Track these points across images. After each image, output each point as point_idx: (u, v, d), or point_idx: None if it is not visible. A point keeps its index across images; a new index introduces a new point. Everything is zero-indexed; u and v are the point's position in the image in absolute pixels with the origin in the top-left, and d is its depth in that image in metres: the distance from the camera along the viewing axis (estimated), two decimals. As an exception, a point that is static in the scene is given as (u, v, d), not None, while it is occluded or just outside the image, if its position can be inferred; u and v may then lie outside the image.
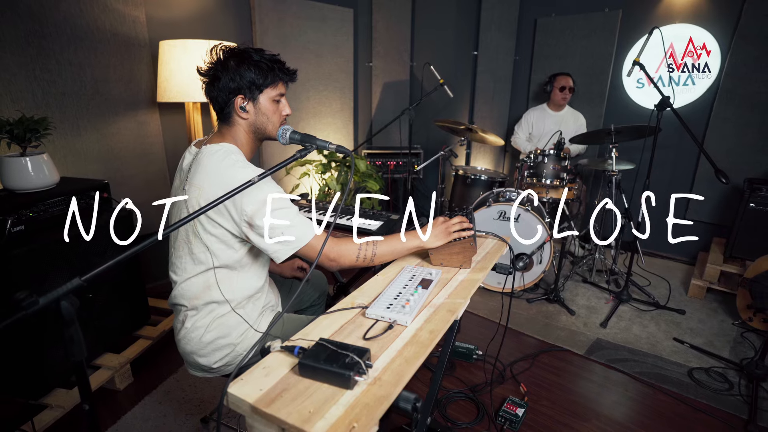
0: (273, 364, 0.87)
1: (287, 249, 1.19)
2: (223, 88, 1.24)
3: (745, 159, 3.15)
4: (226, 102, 1.25)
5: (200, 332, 1.26)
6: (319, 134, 3.77)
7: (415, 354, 0.89)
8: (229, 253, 1.23)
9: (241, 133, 1.30)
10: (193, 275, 1.24)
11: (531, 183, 2.97)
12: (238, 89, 1.24)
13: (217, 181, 1.17)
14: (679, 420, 1.87)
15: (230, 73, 1.23)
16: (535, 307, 2.78)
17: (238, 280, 1.28)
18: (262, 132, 1.31)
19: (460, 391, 1.98)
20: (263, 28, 3.20)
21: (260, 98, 1.29)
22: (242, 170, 1.17)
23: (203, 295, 1.25)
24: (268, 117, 1.30)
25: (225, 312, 1.28)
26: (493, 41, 3.98)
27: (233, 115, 1.27)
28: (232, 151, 1.22)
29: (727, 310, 2.77)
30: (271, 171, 1.07)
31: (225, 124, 1.30)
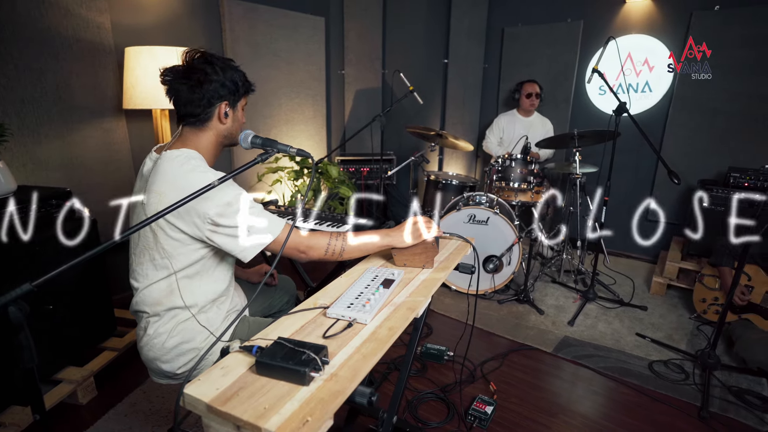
0: (231, 364, 0.88)
1: (254, 247, 1.19)
2: (209, 93, 1.22)
3: (699, 161, 3.32)
4: (208, 107, 1.24)
5: (163, 338, 1.25)
6: (292, 141, 3.77)
7: (372, 350, 0.91)
8: (191, 257, 1.22)
9: (210, 139, 1.28)
10: (154, 281, 1.23)
11: (500, 187, 3.05)
12: (225, 95, 1.25)
13: (177, 186, 1.16)
14: (640, 410, 1.94)
15: (220, 78, 1.23)
16: (505, 307, 2.84)
17: (201, 285, 1.27)
18: (232, 139, 1.33)
19: (431, 391, 2.00)
20: (234, 36, 3.20)
21: (238, 106, 1.32)
22: (202, 175, 1.17)
23: (165, 301, 1.24)
24: (239, 125, 1.33)
25: (188, 317, 1.27)
26: (462, 49, 4.08)
27: (211, 120, 1.26)
28: (193, 156, 1.22)
29: (686, 305, 2.90)
30: (232, 174, 1.07)
31: (194, 128, 1.26)
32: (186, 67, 1.23)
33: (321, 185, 3.26)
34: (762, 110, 3.06)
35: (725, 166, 3.00)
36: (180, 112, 1.26)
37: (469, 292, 2.88)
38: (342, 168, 3.90)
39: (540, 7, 3.81)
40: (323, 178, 3.19)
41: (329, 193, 3.32)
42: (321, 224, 1.78)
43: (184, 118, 1.26)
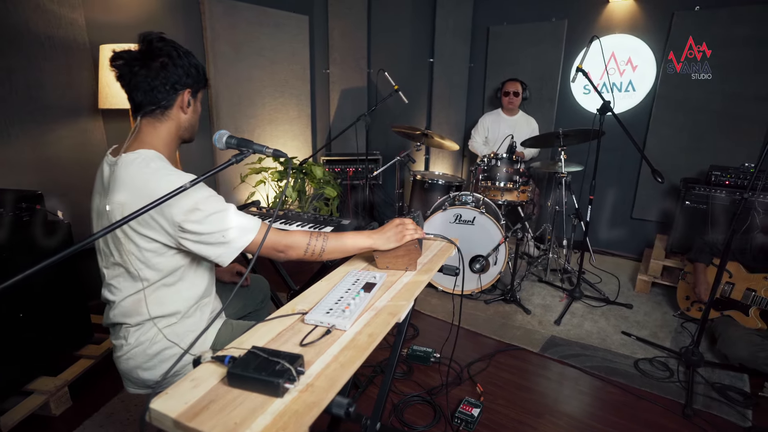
0: (202, 375, 0.83)
1: (231, 251, 1.14)
2: (174, 78, 1.15)
3: (682, 160, 3.35)
4: (170, 94, 1.16)
5: (145, 345, 1.21)
6: (276, 141, 3.72)
7: (351, 358, 0.88)
8: (169, 265, 1.18)
9: (169, 131, 1.20)
10: (132, 293, 1.18)
11: (485, 186, 3.04)
12: (189, 83, 1.18)
13: (140, 194, 1.07)
14: (625, 409, 1.95)
15: (185, 63, 1.17)
16: (492, 307, 2.83)
17: (182, 291, 1.23)
18: (192, 132, 1.27)
19: (417, 394, 1.98)
20: (214, 34, 3.13)
21: (198, 96, 1.26)
22: (167, 177, 1.09)
23: (147, 311, 1.19)
24: (198, 117, 1.27)
25: (172, 323, 1.23)
26: (448, 49, 4.07)
27: (171, 110, 1.18)
28: (153, 158, 1.13)
29: (670, 302, 2.92)
30: (203, 176, 1.03)
31: (153, 119, 1.18)
32: (147, 50, 1.13)
33: (306, 186, 3.21)
34: (740, 109, 3.10)
35: (707, 164, 3.03)
36: (137, 99, 1.15)
37: (454, 292, 2.87)
38: (327, 168, 3.85)
39: (524, 6, 3.82)
40: (308, 179, 3.15)
41: (314, 193, 3.28)
42: (303, 226, 1.74)
43: (142, 108, 1.16)
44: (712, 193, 2.83)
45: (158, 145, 1.18)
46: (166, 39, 1.16)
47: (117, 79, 1.15)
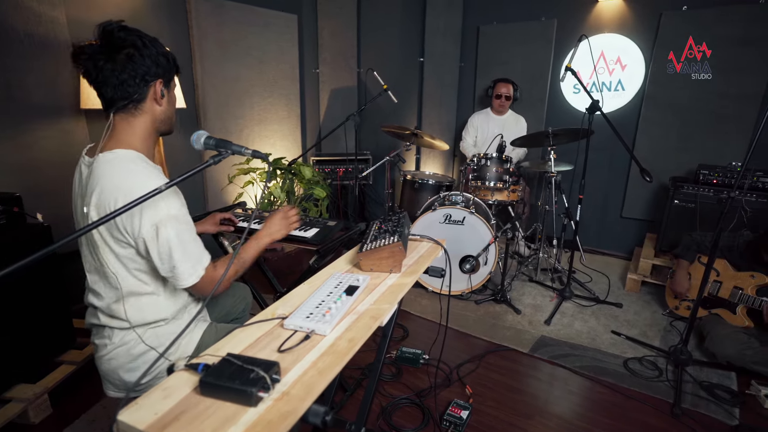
0: (175, 384, 0.81)
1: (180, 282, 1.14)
2: (143, 69, 1.09)
3: (671, 159, 3.36)
4: (141, 87, 1.11)
5: (130, 345, 1.19)
6: (265, 142, 3.69)
7: (329, 365, 0.86)
8: (147, 272, 1.16)
9: (146, 126, 1.15)
10: (114, 300, 1.16)
11: (476, 186, 3.03)
12: (159, 73, 1.13)
13: (116, 197, 1.05)
14: (615, 409, 1.94)
15: (152, 52, 1.11)
16: (483, 308, 2.82)
17: (163, 297, 1.21)
18: (169, 124, 1.23)
19: (406, 397, 1.96)
20: (201, 32, 3.09)
21: (171, 85, 1.22)
22: (145, 180, 1.06)
23: (132, 316, 1.17)
24: (174, 108, 1.24)
25: (160, 324, 1.21)
26: (438, 48, 4.05)
27: (145, 103, 1.13)
28: (132, 159, 1.10)
29: (659, 301, 2.93)
30: (177, 180, 1.00)
31: (127, 114, 1.13)
32: (109, 41, 1.07)
33: (295, 186, 3.18)
34: (727, 108, 3.11)
35: (696, 163, 3.04)
36: (107, 95, 1.10)
37: (441, 292, 2.86)
38: (317, 168, 3.82)
39: (514, 6, 3.81)
40: (297, 179, 3.12)
41: (303, 194, 3.25)
42: (288, 228, 1.71)
43: (114, 104, 1.11)
44: (701, 192, 2.84)
45: (135, 143, 1.14)
46: (128, 28, 1.11)
47: (83, 75, 1.11)
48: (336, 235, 1.69)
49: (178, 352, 1.27)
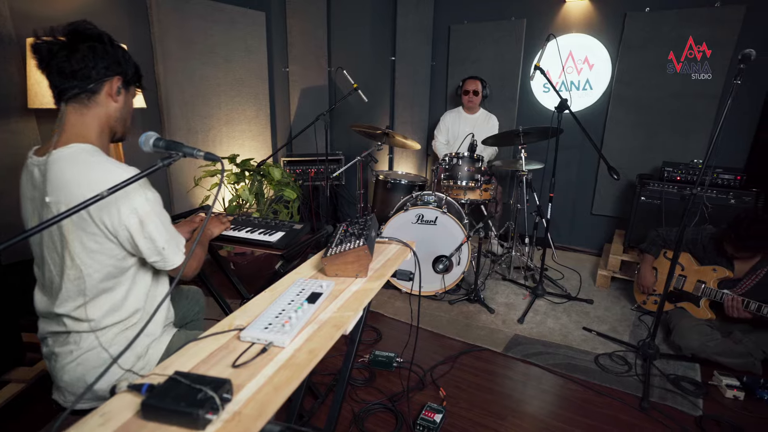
0: (115, 408, 0.74)
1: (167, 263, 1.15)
2: (102, 63, 1.08)
3: (637, 157, 3.44)
4: (99, 78, 1.08)
5: (98, 350, 1.13)
6: (234, 142, 3.58)
7: (287, 379, 0.81)
8: (117, 268, 1.11)
9: (99, 120, 1.12)
10: (80, 303, 1.10)
11: (448, 185, 3.01)
12: (120, 71, 1.12)
13: (81, 192, 1.01)
14: (586, 406, 1.95)
15: (116, 52, 1.12)
16: (456, 308, 2.81)
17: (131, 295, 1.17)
18: (122, 128, 1.19)
19: (379, 402, 1.92)
20: (162, 29, 2.96)
21: (130, 90, 1.20)
22: (111, 172, 1.03)
23: (100, 319, 1.12)
24: (130, 112, 1.20)
25: (130, 326, 1.17)
26: (409, 47, 4.03)
27: (99, 96, 1.10)
28: (91, 151, 1.07)
29: (628, 296, 2.99)
30: (146, 172, 0.96)
31: (81, 106, 1.09)
32: (74, 36, 1.06)
33: (264, 188, 3.09)
34: (686, 107, 3.20)
35: (660, 161, 3.12)
36: (59, 84, 1.06)
37: (412, 292, 2.83)
38: (288, 169, 3.74)
39: (484, 5, 3.82)
40: (266, 181, 3.03)
41: (274, 196, 3.16)
42: (253, 233, 1.64)
43: (66, 92, 1.07)
44: (665, 189, 2.92)
45: (90, 136, 1.11)
46: (99, 30, 1.11)
47: (38, 65, 1.06)
48: (303, 238, 1.64)
49: (147, 355, 1.21)
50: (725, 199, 2.74)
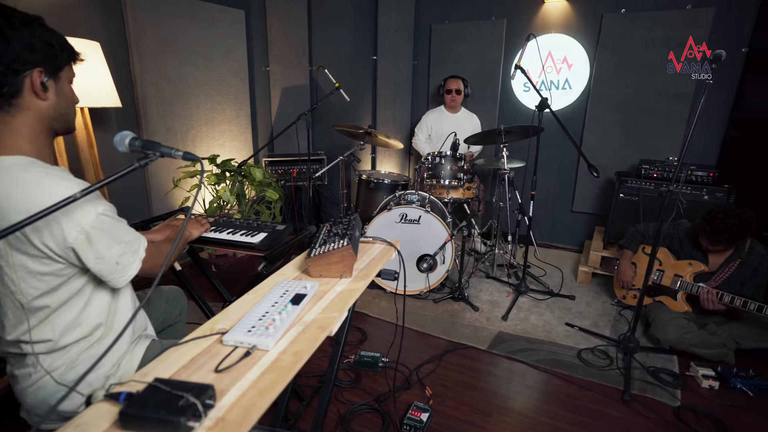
0: (92, 418, 0.71)
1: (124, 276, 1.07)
2: (7, 58, 0.90)
3: (616, 155, 3.51)
4: (13, 76, 0.92)
5: (60, 371, 1.07)
6: (214, 143, 3.51)
7: (271, 383, 0.79)
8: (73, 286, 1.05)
9: (30, 125, 0.97)
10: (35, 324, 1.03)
11: (431, 184, 3.02)
12: (36, 60, 0.94)
13: (17, 216, 0.88)
14: (569, 400, 1.98)
15: (23, 35, 0.92)
16: (441, 306, 2.82)
17: (91, 311, 1.10)
18: (66, 121, 1.05)
19: (365, 403, 1.90)
20: (138, 26, 2.88)
21: (61, 76, 1.02)
22: (51, 188, 0.92)
23: (63, 338, 1.06)
24: (70, 102, 1.06)
25: (93, 342, 1.10)
26: (391, 46, 4.03)
27: (21, 97, 0.94)
28: (22, 167, 0.93)
29: (609, 291, 3.05)
30: (97, 185, 0.89)
31: (3, 114, 0.94)
32: None
33: (245, 189, 3.04)
34: (661, 105, 3.29)
35: (638, 158, 3.19)
36: None
37: (397, 292, 2.83)
38: (270, 170, 3.70)
39: (465, 5, 3.85)
40: (247, 181, 2.98)
41: (255, 197, 3.12)
42: (234, 234, 1.61)
43: None
44: (643, 186, 2.99)
45: (22, 146, 0.97)
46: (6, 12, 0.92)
47: None
48: (286, 239, 1.61)
49: (118, 373, 1.16)
50: (699, 195, 2.82)
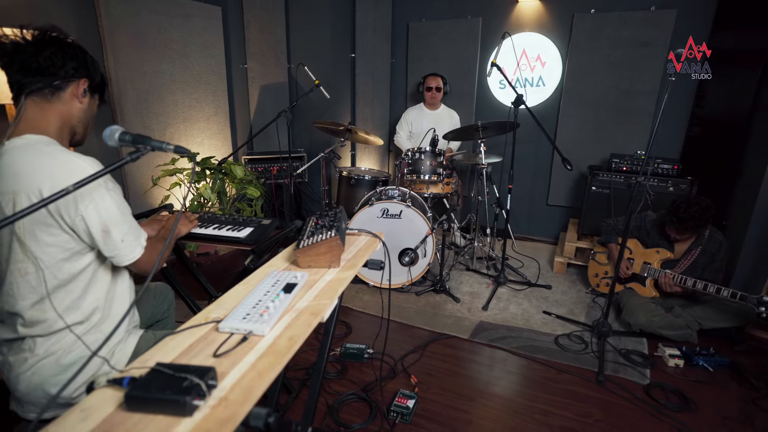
0: (96, 403, 0.73)
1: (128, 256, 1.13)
2: (70, 64, 1.08)
3: (588, 149, 3.65)
4: (67, 76, 1.08)
5: (57, 355, 1.09)
6: (192, 141, 3.48)
7: (270, 365, 0.82)
8: (77, 265, 1.09)
9: (60, 118, 1.10)
10: (36, 300, 1.06)
11: (411, 180, 3.08)
12: (87, 75, 1.13)
13: (37, 183, 0.99)
14: (548, 383, 2.08)
15: (85, 57, 1.13)
16: (423, 299, 2.88)
17: (91, 293, 1.13)
18: (83, 130, 1.19)
19: (353, 392, 1.95)
20: (112, 22, 2.83)
21: (96, 96, 1.21)
22: (70, 161, 1.02)
23: (59, 317, 1.08)
24: (92, 117, 1.20)
25: (90, 328, 1.13)
26: (369, 44, 4.06)
27: (64, 93, 1.09)
28: (45, 142, 1.05)
29: (583, 280, 3.18)
30: (106, 170, 0.92)
31: (42, 100, 1.07)
32: (43, 31, 1.07)
33: (226, 186, 3.03)
34: (629, 102, 3.44)
35: (608, 152, 3.34)
36: (23, 79, 1.05)
37: (381, 286, 2.88)
38: (250, 167, 3.68)
39: (441, 3, 3.92)
40: (228, 179, 2.97)
41: (236, 194, 3.11)
42: (221, 229, 1.63)
43: (28, 85, 1.05)
44: (613, 179, 3.13)
45: (48, 130, 1.08)
46: (68, 34, 1.12)
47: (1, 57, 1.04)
48: (272, 233, 1.64)
49: (111, 361, 1.18)
50: (665, 186, 2.98)
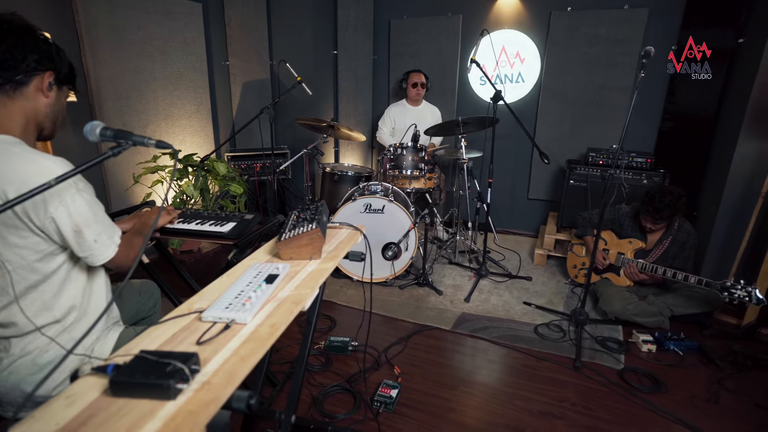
0: (80, 390, 0.75)
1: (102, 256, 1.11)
2: (32, 56, 1.03)
3: (567, 144, 3.74)
4: (29, 70, 1.03)
5: (34, 354, 1.09)
6: (174, 138, 3.45)
7: (252, 350, 0.85)
8: (50, 265, 1.08)
9: (24, 115, 1.06)
10: (6, 303, 1.05)
11: (393, 175, 3.12)
12: (53, 67, 1.08)
13: (6, 188, 0.97)
14: (528, 370, 2.15)
15: (50, 47, 1.07)
16: (406, 292, 2.93)
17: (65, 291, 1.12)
18: (51, 125, 1.14)
19: (337, 384, 1.98)
20: (90, 18, 2.79)
21: (64, 89, 1.16)
22: (39, 163, 0.99)
23: (28, 320, 1.07)
24: (61, 112, 1.15)
25: (66, 326, 1.13)
26: (351, 41, 4.08)
27: (27, 88, 1.05)
28: (9, 143, 1.01)
29: (562, 272, 3.27)
30: (79, 169, 0.92)
31: (2, 96, 1.03)
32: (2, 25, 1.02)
33: (209, 184, 3.02)
34: (605, 98, 3.54)
35: (585, 147, 3.43)
36: None
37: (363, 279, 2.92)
38: (233, 164, 3.68)
39: (422, 0, 3.96)
40: (210, 176, 2.97)
41: (219, 191, 3.10)
42: (204, 224, 1.64)
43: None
44: (590, 173, 3.22)
45: (12, 128, 1.04)
46: (30, 23, 1.06)
47: None
48: (254, 228, 1.66)
49: (95, 351, 1.19)
50: (639, 179, 3.08)
